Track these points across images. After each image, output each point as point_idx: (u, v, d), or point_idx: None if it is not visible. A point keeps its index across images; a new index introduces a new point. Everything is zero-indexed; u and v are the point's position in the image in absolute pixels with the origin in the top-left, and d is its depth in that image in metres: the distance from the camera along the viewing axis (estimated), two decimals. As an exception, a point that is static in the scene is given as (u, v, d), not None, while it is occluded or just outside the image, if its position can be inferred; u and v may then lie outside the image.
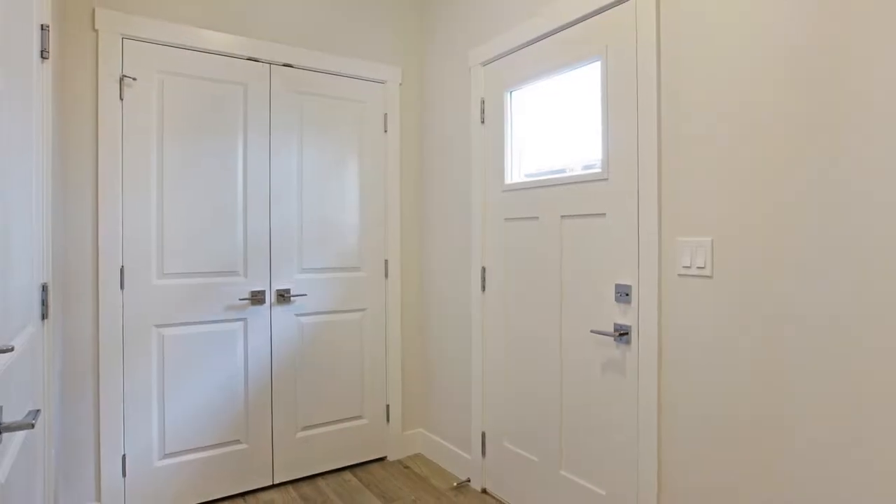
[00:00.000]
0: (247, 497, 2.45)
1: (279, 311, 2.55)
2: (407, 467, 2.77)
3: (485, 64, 2.47)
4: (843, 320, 1.31)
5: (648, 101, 1.75)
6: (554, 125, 2.19)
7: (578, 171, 2.06)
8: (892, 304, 1.23)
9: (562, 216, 2.09)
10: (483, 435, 2.50)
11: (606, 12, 1.90)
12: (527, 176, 2.31)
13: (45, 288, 1.69)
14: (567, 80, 2.12)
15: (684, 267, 1.65)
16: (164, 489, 2.28)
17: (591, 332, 1.91)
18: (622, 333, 1.84)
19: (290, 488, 2.53)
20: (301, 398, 2.61)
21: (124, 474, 2.21)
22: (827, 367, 1.34)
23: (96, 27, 2.13)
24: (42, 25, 1.66)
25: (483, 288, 2.49)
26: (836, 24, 1.31)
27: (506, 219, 2.37)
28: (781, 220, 1.43)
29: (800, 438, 1.39)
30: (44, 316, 1.68)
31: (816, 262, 1.36)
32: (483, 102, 2.49)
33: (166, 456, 2.30)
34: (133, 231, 2.22)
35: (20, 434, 1.28)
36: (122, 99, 2.19)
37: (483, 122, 2.49)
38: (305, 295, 2.61)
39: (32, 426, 1.04)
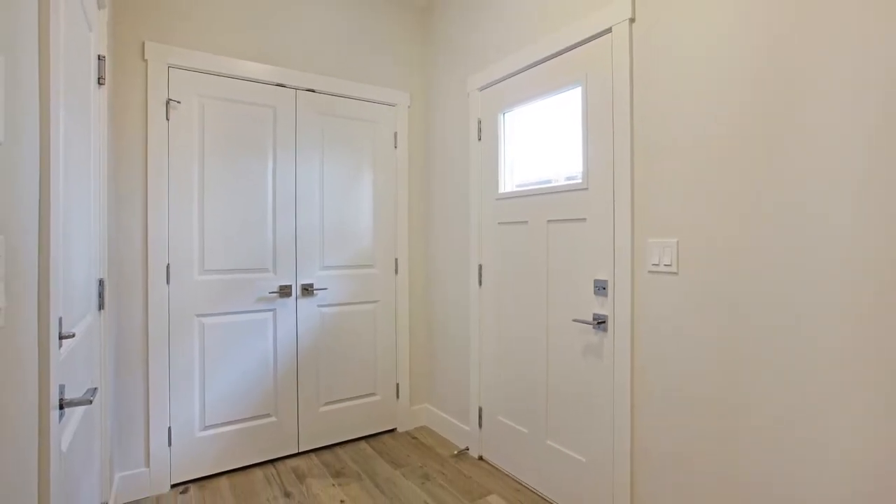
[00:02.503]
0: (275, 463, 2.45)
1: (304, 302, 2.55)
2: (414, 438, 2.77)
3: (481, 89, 2.47)
4: (791, 314, 1.31)
5: (623, 121, 1.74)
6: (541, 142, 2.18)
7: (562, 182, 2.06)
8: (827, 303, 1.22)
9: (548, 221, 2.09)
10: (480, 410, 2.50)
11: (586, 44, 1.90)
12: (518, 186, 2.31)
13: (101, 282, 1.69)
14: (553, 103, 2.12)
15: (653, 264, 1.65)
16: (203, 456, 2.29)
17: (573, 320, 1.90)
18: (600, 322, 1.83)
19: (312, 456, 2.53)
20: (323, 378, 2.61)
21: (170, 444, 2.21)
22: (775, 355, 1.34)
23: (146, 57, 2.14)
24: (99, 56, 1.67)
25: (480, 283, 2.49)
26: (788, 54, 1.31)
27: (499, 223, 2.36)
28: (737, 224, 1.42)
29: (752, 415, 1.39)
30: (100, 307, 1.69)
31: (767, 261, 1.35)
32: (480, 122, 2.48)
33: (206, 428, 2.30)
34: (177, 233, 2.22)
35: (80, 409, 1.28)
36: (168, 119, 2.20)
37: (480, 139, 2.48)
38: (326, 289, 2.61)
39: (91, 402, 1.04)
